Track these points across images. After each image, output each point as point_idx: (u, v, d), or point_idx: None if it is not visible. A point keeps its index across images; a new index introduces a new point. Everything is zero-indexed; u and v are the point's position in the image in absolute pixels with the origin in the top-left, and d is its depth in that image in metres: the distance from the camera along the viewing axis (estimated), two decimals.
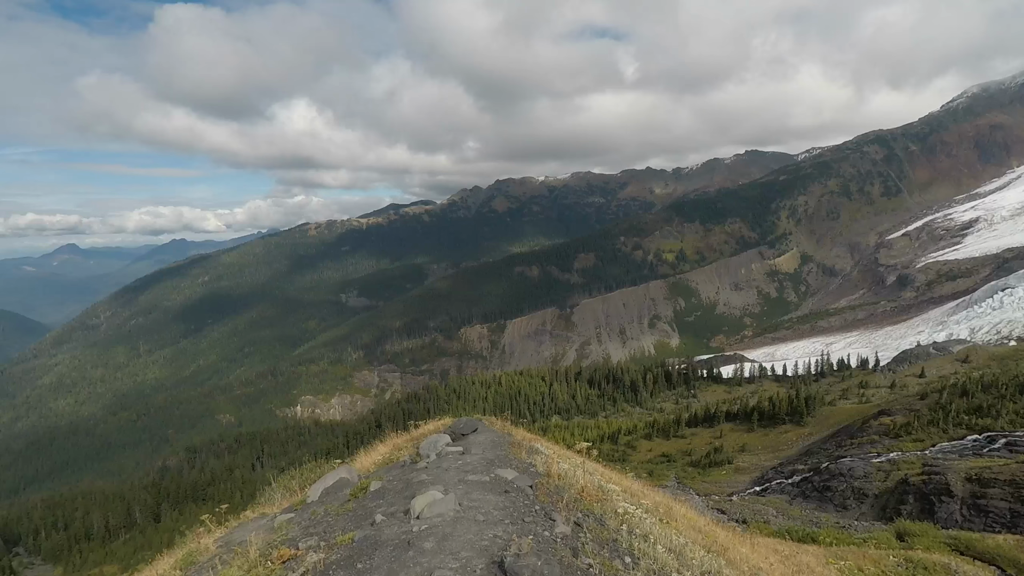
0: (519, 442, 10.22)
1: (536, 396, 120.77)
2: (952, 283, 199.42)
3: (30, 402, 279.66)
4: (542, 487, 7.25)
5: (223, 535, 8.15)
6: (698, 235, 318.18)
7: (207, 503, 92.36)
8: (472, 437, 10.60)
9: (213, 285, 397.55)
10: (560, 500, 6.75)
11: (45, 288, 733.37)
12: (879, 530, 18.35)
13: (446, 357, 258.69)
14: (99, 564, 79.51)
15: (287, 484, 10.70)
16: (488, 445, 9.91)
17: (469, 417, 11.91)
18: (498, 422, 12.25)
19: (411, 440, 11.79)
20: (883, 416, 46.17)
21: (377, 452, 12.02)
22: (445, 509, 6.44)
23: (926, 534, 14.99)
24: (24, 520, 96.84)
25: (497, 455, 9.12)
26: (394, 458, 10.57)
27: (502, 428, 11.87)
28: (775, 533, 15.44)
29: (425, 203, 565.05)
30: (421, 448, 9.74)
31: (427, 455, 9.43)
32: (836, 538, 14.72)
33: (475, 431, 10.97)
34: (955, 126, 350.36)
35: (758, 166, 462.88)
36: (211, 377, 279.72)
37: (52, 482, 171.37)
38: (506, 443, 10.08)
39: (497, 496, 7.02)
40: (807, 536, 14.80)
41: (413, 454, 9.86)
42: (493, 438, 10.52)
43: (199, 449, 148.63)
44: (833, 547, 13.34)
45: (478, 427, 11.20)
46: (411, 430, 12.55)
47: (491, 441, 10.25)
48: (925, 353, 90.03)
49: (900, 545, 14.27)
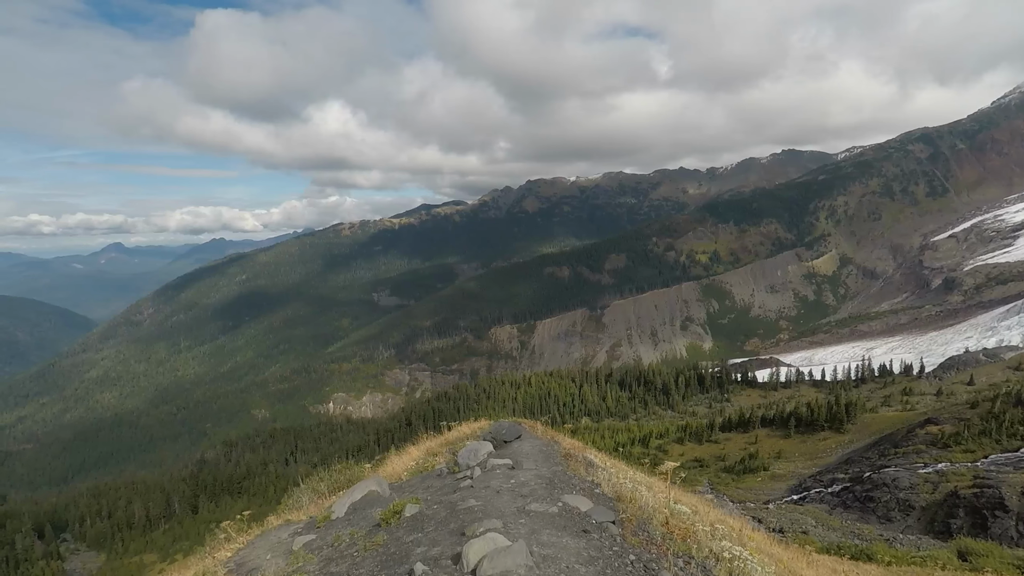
0: (572, 453, 9.27)
1: (566, 397, 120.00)
2: (1003, 287, 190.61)
3: (78, 394, 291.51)
4: (627, 524, 5.95)
5: (240, 550, 7.42)
6: (732, 236, 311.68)
7: (242, 496, 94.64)
8: (516, 445, 9.73)
9: (250, 283, 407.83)
10: (652, 543, 5.55)
11: (92, 285, 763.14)
12: (938, 548, 17.33)
13: (476, 357, 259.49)
14: (140, 552, 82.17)
15: (315, 487, 10.40)
16: (538, 457, 8.90)
17: (509, 421, 11.29)
18: (539, 426, 11.58)
19: (445, 444, 11.16)
20: (930, 425, 44.20)
21: (409, 456, 11.43)
22: (513, 564, 4.58)
23: (991, 554, 13.97)
24: (71, 508, 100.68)
25: (554, 472, 7.87)
26: (428, 466, 9.81)
27: (544, 434, 11.04)
28: (824, 549, 14.64)
29: (456, 203, 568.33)
30: (460, 456, 8.84)
31: (467, 465, 8.49)
32: (894, 556, 13.83)
33: (519, 438, 10.12)
34: (1007, 123, 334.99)
35: (795, 166, 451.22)
36: (247, 373, 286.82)
37: (98, 472, 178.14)
38: (557, 454, 9.11)
39: (576, 539, 5.43)
40: (862, 553, 13.95)
41: (450, 462, 9.11)
42: (540, 447, 9.58)
43: (235, 443, 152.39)
44: (892, 566, 12.53)
45: (522, 433, 10.38)
46: (444, 432, 12.03)
47: (540, 451, 9.25)
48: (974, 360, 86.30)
49: (963, 565, 13.34)
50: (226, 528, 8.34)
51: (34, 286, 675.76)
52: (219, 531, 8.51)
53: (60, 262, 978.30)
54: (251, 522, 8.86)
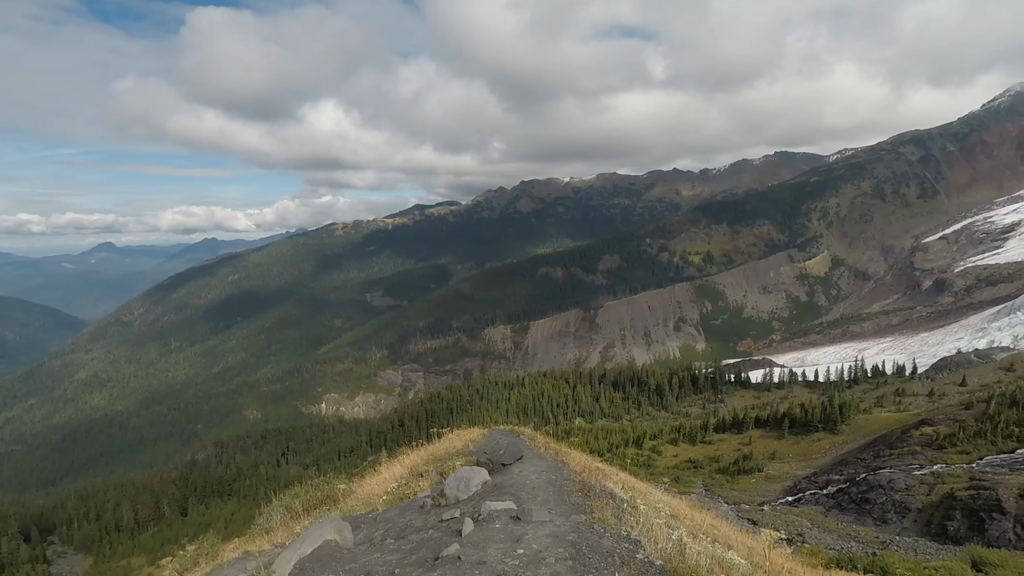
0: (589, 484, 7.66)
1: (559, 398, 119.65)
2: (993, 288, 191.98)
3: (67, 395, 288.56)
4: None
5: None
6: (726, 237, 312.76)
7: (232, 498, 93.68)
8: (517, 471, 8.04)
9: (242, 284, 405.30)
10: None
11: (83, 284, 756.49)
12: (949, 557, 16.95)
13: (469, 357, 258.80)
14: (127, 556, 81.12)
15: (289, 504, 9.55)
16: (548, 492, 7.13)
17: (507, 430, 10.11)
18: (540, 437, 10.25)
19: (432, 460, 9.75)
20: (924, 426, 44.08)
21: (392, 473, 9.93)
22: None
23: (1007, 564, 13.65)
24: (59, 510, 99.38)
25: (577, 528, 5.63)
26: (409, 492, 8.33)
27: (547, 448, 9.45)
28: (835, 561, 14.22)
29: (450, 204, 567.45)
30: (448, 486, 7.31)
31: (456, 498, 7.00)
32: (909, 568, 13.44)
33: (520, 459, 8.49)
34: (997, 126, 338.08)
35: (788, 167, 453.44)
36: (239, 374, 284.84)
37: (87, 473, 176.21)
38: (570, 486, 7.45)
39: None
40: (875, 565, 13.54)
41: (436, 488, 7.61)
42: (547, 474, 7.88)
43: (227, 444, 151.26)
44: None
45: (523, 454, 8.73)
46: (434, 440, 10.84)
47: (548, 482, 7.49)
48: (966, 360, 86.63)
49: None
50: (169, 566, 7.54)
51: (23, 286, 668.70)
52: (165, 564, 7.75)
53: (50, 261, 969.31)
54: (210, 548, 8.13)
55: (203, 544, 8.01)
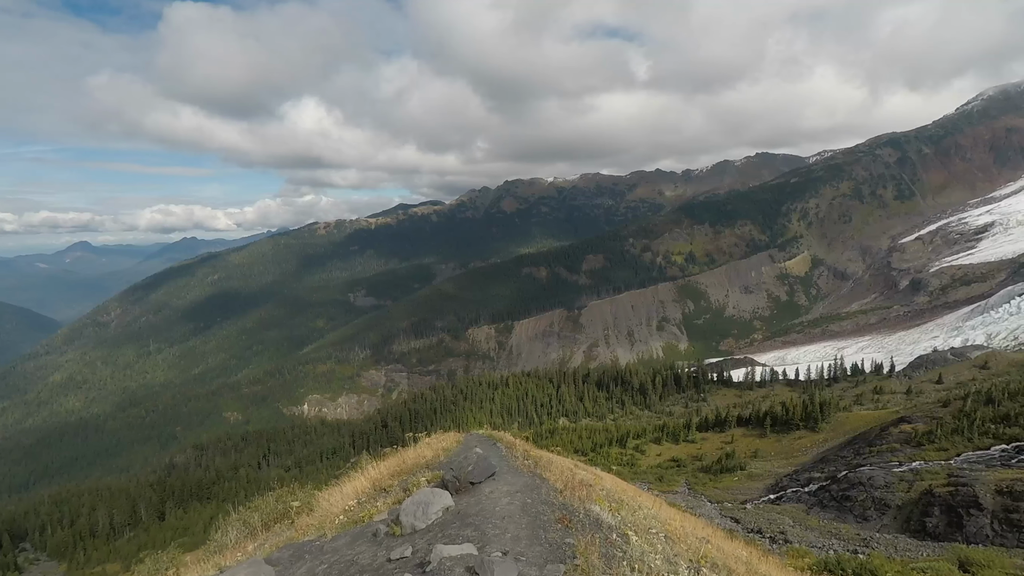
0: (570, 508, 6.75)
1: (543, 398, 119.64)
2: (967, 288, 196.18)
3: (41, 398, 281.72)
4: None
5: None
6: (708, 237, 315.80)
7: (211, 501, 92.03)
8: (487, 492, 7.04)
9: (222, 284, 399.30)
10: None
11: (57, 285, 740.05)
12: (936, 557, 17.06)
13: (453, 357, 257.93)
14: (102, 562, 79.25)
15: (247, 519, 9.13)
16: (521, 520, 6.12)
17: (483, 437, 9.32)
18: (519, 444, 9.48)
19: (399, 474, 9.00)
20: (903, 423, 44.65)
21: (353, 487, 9.15)
22: None
23: (992, 564, 13.73)
24: (31, 515, 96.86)
25: None
26: (365, 515, 7.56)
27: (526, 458, 8.54)
28: (823, 564, 14.13)
29: (434, 203, 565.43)
30: (404, 512, 6.55)
31: (412, 527, 6.22)
32: (897, 571, 13.41)
33: (492, 476, 7.56)
34: (970, 129, 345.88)
35: (769, 168, 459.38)
36: (219, 375, 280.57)
37: (61, 478, 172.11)
38: (549, 509, 6.53)
39: None
40: (864, 568, 13.48)
41: (395, 507, 6.89)
42: (523, 497, 6.91)
43: (206, 447, 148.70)
44: None
45: (495, 470, 7.79)
46: (403, 450, 10.13)
47: (521, 510, 6.46)
48: (942, 359, 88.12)
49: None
50: None
51: None
52: None
53: (23, 261, 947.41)
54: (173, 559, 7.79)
55: (160, 559, 7.62)
